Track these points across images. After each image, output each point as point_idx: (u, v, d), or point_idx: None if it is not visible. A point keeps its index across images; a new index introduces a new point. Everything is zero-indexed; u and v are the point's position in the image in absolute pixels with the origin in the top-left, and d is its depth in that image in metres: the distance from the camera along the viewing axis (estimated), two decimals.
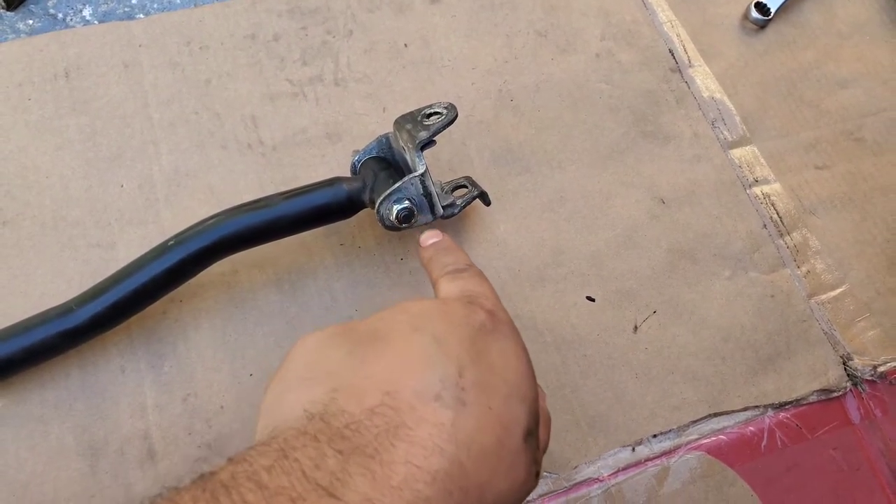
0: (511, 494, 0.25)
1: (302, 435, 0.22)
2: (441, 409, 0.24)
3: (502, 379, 0.26)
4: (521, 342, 0.29)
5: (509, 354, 0.28)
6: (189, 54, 0.52)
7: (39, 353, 0.39)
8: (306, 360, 0.27)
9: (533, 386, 0.28)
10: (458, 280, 0.33)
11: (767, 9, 0.61)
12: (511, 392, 0.26)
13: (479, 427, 0.24)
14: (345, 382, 0.25)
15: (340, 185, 0.42)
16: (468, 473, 0.23)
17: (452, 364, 0.25)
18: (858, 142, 0.58)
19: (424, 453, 0.22)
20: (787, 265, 0.52)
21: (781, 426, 0.47)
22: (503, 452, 0.25)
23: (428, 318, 0.27)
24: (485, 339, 0.27)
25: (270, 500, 0.20)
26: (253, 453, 0.22)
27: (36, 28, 0.52)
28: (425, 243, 0.38)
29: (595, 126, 0.55)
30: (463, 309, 0.29)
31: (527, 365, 0.28)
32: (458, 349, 0.26)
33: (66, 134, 0.49)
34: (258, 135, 0.51)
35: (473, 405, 0.24)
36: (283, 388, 0.26)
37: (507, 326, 0.29)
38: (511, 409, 0.26)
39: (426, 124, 0.42)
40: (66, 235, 0.46)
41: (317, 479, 0.21)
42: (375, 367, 0.25)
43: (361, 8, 0.56)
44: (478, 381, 0.25)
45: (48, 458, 0.40)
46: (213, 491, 0.20)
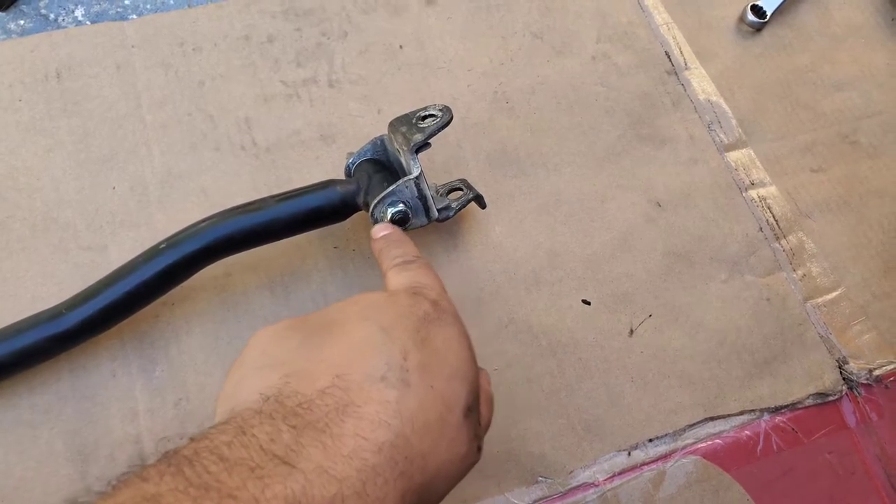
0: (453, 464, 0.27)
1: (258, 414, 0.24)
2: (386, 388, 0.26)
3: (444, 362, 0.28)
4: (463, 329, 0.31)
5: (451, 340, 0.30)
6: (182, 55, 0.52)
7: (29, 356, 0.38)
8: (261, 350, 0.29)
9: (473, 368, 0.30)
10: (405, 271, 0.35)
11: (763, 12, 0.61)
12: (452, 373, 0.28)
13: (422, 404, 0.26)
14: (297, 368, 0.27)
15: (334, 188, 0.42)
16: (412, 444, 0.25)
17: (397, 349, 0.27)
18: (854, 145, 0.58)
19: (371, 427, 0.24)
20: (783, 268, 0.52)
21: (777, 430, 0.47)
22: (445, 427, 0.27)
23: (375, 308, 0.30)
24: (428, 327, 0.29)
25: (231, 470, 0.21)
26: (213, 431, 0.23)
27: (27, 28, 0.52)
28: (376, 235, 0.40)
29: (591, 128, 0.55)
30: (408, 299, 0.31)
31: (468, 350, 0.31)
32: (403, 336, 0.28)
33: (58, 135, 0.48)
34: (252, 136, 0.50)
35: (417, 385, 0.27)
36: (239, 376, 0.28)
37: (450, 315, 0.31)
38: (452, 388, 0.28)
39: (421, 126, 0.42)
40: (56, 238, 0.45)
41: (273, 451, 0.22)
42: (326, 353, 0.27)
43: (356, 9, 0.56)
44: (421, 363, 0.27)
45: (37, 463, 0.40)
46: (177, 464, 0.22)
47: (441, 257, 0.49)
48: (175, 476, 0.21)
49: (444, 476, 0.27)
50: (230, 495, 0.21)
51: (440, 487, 0.27)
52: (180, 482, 0.21)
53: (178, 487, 0.21)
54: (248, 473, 0.21)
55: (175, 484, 0.21)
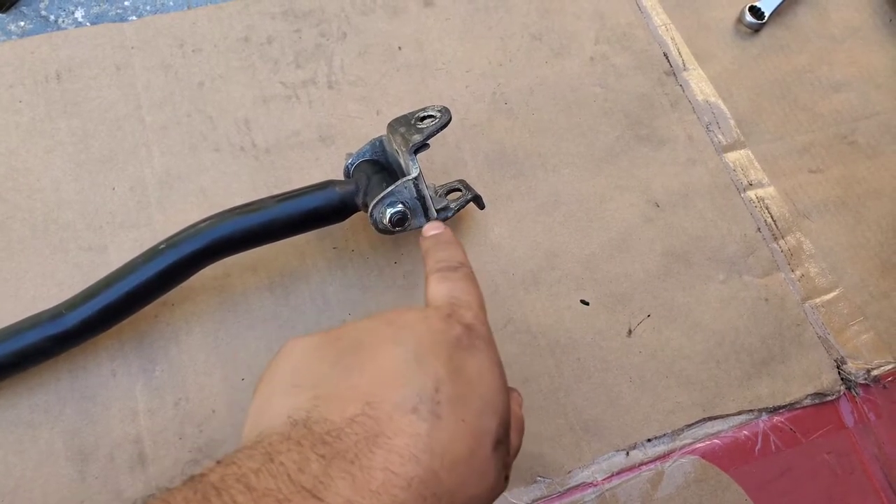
0: (480, 497, 0.27)
1: (286, 440, 0.23)
2: (418, 420, 0.25)
3: (476, 394, 0.28)
4: (496, 357, 0.31)
5: (484, 370, 0.29)
6: (182, 56, 0.52)
7: (29, 357, 0.38)
8: (293, 367, 0.28)
9: (505, 399, 0.29)
10: (447, 281, 0.34)
11: (762, 13, 0.61)
12: (484, 406, 0.28)
13: (453, 438, 0.25)
14: (328, 392, 0.26)
15: (333, 189, 0.42)
16: (441, 480, 0.24)
17: (430, 380, 0.27)
18: (852, 145, 0.58)
19: (401, 461, 0.24)
20: (781, 269, 0.52)
21: (775, 430, 0.47)
22: (474, 461, 0.26)
23: (409, 331, 0.29)
24: (461, 355, 0.29)
25: (259, 502, 0.21)
26: (241, 456, 0.23)
27: (27, 30, 0.52)
28: (426, 233, 0.39)
29: (589, 129, 0.55)
30: (442, 323, 0.30)
31: (500, 379, 0.30)
32: (436, 365, 0.27)
33: (58, 136, 0.48)
34: (251, 137, 0.50)
35: (448, 418, 0.26)
36: (269, 392, 0.27)
37: (484, 342, 0.30)
38: (483, 421, 0.27)
39: (420, 127, 0.42)
40: (57, 238, 0.46)
41: (301, 482, 0.22)
42: (357, 378, 0.26)
43: (355, 11, 0.56)
44: (452, 396, 0.26)
45: (37, 463, 0.40)
46: (204, 493, 0.21)
47: None
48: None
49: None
50: None
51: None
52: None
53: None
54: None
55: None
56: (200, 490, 0.21)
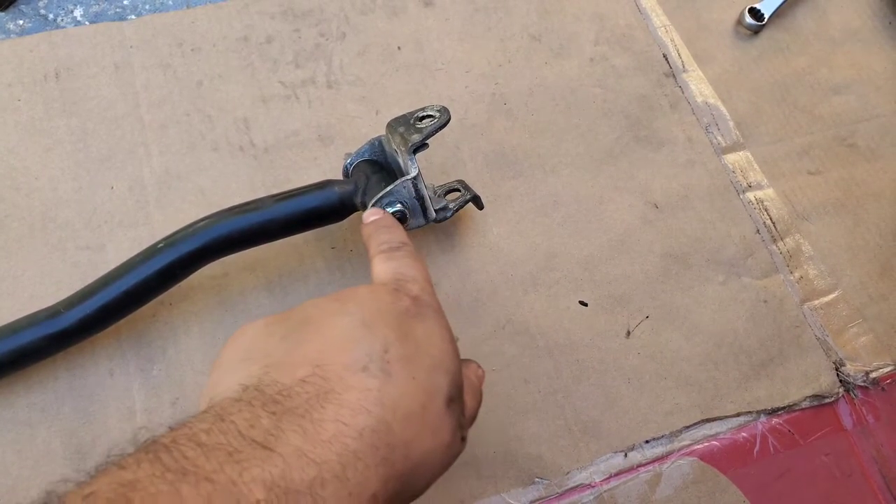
0: (436, 453, 0.28)
1: (237, 402, 0.24)
2: (367, 377, 0.26)
3: (426, 354, 0.29)
4: (444, 322, 0.32)
5: (433, 333, 0.30)
6: (181, 56, 0.52)
7: (27, 355, 0.38)
8: (244, 346, 0.29)
9: (455, 360, 0.30)
10: (391, 260, 0.35)
11: (761, 14, 0.61)
12: (434, 365, 0.29)
13: (404, 393, 0.26)
14: (278, 360, 0.27)
15: (332, 188, 0.42)
16: (394, 432, 0.25)
17: (378, 341, 0.28)
18: (851, 148, 0.58)
19: (352, 413, 0.24)
20: (780, 271, 0.52)
21: (774, 432, 0.47)
22: (427, 416, 0.27)
23: (357, 303, 0.30)
24: (409, 322, 0.30)
25: (208, 454, 0.21)
26: (192, 420, 0.23)
27: (26, 28, 0.52)
28: (366, 220, 0.40)
29: (589, 130, 0.55)
30: (389, 295, 0.31)
31: (449, 342, 0.31)
32: (385, 329, 0.28)
33: (56, 135, 0.48)
34: (250, 137, 0.50)
35: (398, 375, 0.27)
36: (221, 371, 0.28)
37: (432, 309, 0.31)
38: (433, 379, 0.28)
39: (419, 127, 0.42)
40: (55, 237, 0.45)
41: (252, 436, 0.22)
42: (307, 347, 0.27)
43: (354, 10, 0.56)
44: (402, 356, 0.28)
45: (34, 462, 0.40)
46: (154, 451, 0.22)
47: (438, 258, 0.49)
48: (152, 463, 0.21)
49: (428, 465, 0.27)
50: (207, 478, 0.21)
51: (424, 476, 0.28)
52: (157, 468, 0.21)
53: (155, 473, 0.21)
54: (225, 458, 0.21)
55: (152, 470, 0.21)
56: (152, 450, 0.22)
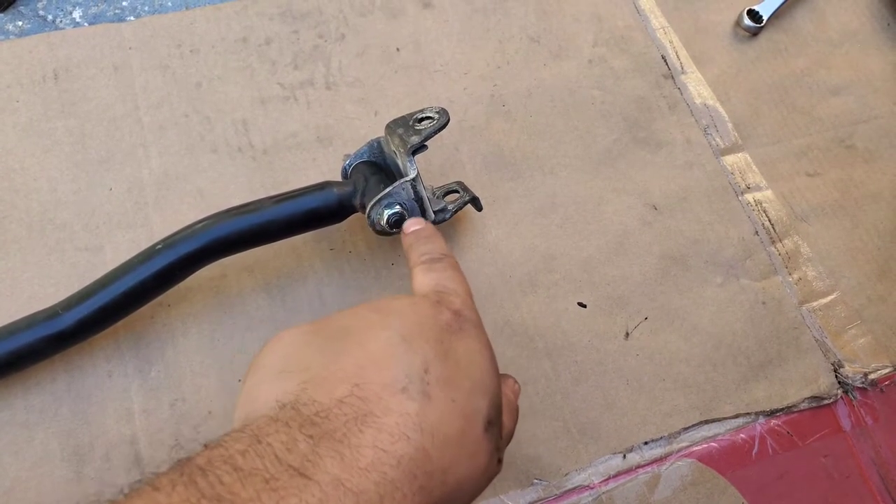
0: (473, 478, 0.27)
1: (274, 422, 0.23)
2: (407, 400, 0.25)
3: (466, 375, 0.28)
4: (485, 340, 0.31)
5: (474, 352, 0.29)
6: (180, 57, 0.52)
7: (25, 357, 0.38)
8: (281, 355, 0.28)
9: (495, 381, 0.30)
10: (432, 272, 0.34)
11: (760, 16, 0.61)
12: (474, 387, 0.28)
13: (443, 418, 0.26)
14: (316, 375, 0.26)
15: (331, 190, 0.42)
16: (432, 459, 0.24)
17: (418, 360, 0.27)
18: (850, 149, 0.58)
19: (391, 439, 0.24)
20: (778, 272, 0.52)
21: (772, 433, 0.47)
22: (465, 441, 0.26)
23: (398, 316, 0.29)
24: (450, 339, 0.29)
25: (245, 481, 0.21)
26: (228, 439, 0.23)
27: (25, 30, 0.52)
28: (407, 230, 0.39)
29: (587, 132, 0.55)
30: (431, 309, 0.30)
31: (490, 361, 0.30)
32: (425, 347, 0.27)
33: (55, 136, 0.48)
34: (249, 138, 0.50)
35: (438, 398, 0.26)
36: (257, 380, 0.27)
37: (473, 325, 0.31)
38: (473, 402, 0.27)
39: (418, 129, 0.42)
40: (53, 238, 0.45)
41: (289, 461, 0.22)
42: (345, 362, 0.26)
43: (353, 12, 0.56)
44: (442, 376, 0.27)
45: (32, 463, 0.40)
46: (190, 474, 0.21)
47: None
48: (188, 486, 0.20)
49: (465, 490, 0.27)
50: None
51: (459, 501, 0.27)
52: (193, 493, 0.20)
53: (191, 499, 0.20)
54: (262, 485, 0.21)
55: (188, 495, 0.20)
56: (187, 472, 0.21)
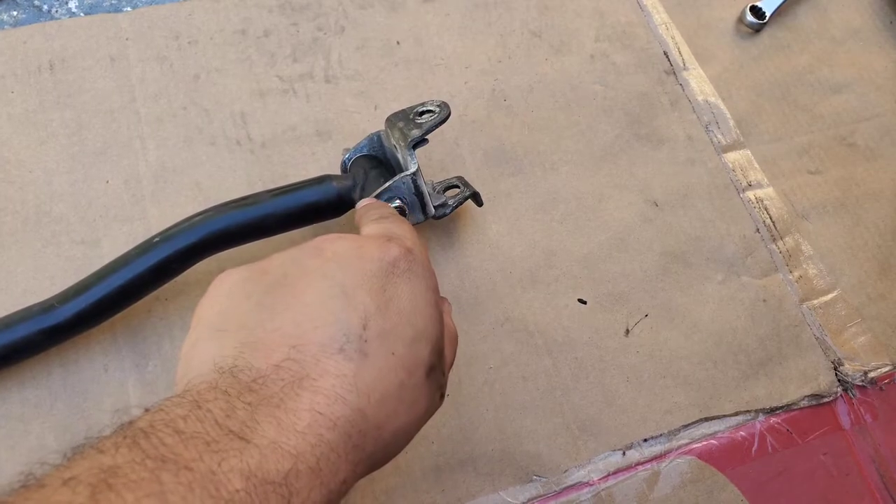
0: (412, 423, 0.27)
1: (213, 389, 0.24)
2: (344, 361, 0.25)
3: (409, 323, 0.28)
4: (431, 282, 0.31)
5: (418, 297, 0.29)
6: (177, 49, 0.52)
7: (20, 350, 0.38)
8: (218, 310, 0.28)
9: (438, 325, 0.30)
10: (381, 223, 0.34)
11: (762, 13, 0.61)
12: (416, 335, 0.28)
13: (381, 374, 0.26)
14: (253, 337, 0.26)
15: (330, 183, 0.42)
16: (367, 417, 0.25)
17: (357, 316, 0.27)
18: (851, 147, 0.58)
19: (327, 401, 0.24)
20: (779, 270, 0.52)
21: (772, 431, 0.47)
22: (404, 393, 0.27)
23: (338, 262, 0.28)
24: (395, 282, 0.29)
25: (187, 443, 0.21)
26: (169, 404, 0.23)
27: (20, 20, 0.51)
28: (359, 206, 0.39)
29: (589, 128, 0.55)
30: (378, 250, 0.29)
31: (434, 307, 0.30)
32: (366, 299, 0.27)
33: (51, 128, 0.48)
34: (247, 131, 0.50)
35: (376, 355, 0.26)
36: (196, 336, 0.28)
37: (420, 266, 0.30)
38: (414, 351, 0.28)
39: (418, 122, 0.41)
40: (49, 231, 0.45)
41: (229, 426, 0.22)
42: (282, 320, 0.26)
43: (353, 5, 0.56)
44: (382, 330, 0.27)
45: (28, 458, 0.39)
46: (133, 436, 0.21)
47: (437, 255, 0.48)
48: (131, 448, 0.21)
49: (402, 436, 0.27)
50: (187, 467, 0.20)
51: (396, 448, 0.27)
52: (137, 454, 0.21)
53: (135, 459, 0.20)
54: (204, 447, 0.21)
55: (131, 456, 0.20)
56: (129, 435, 0.21)
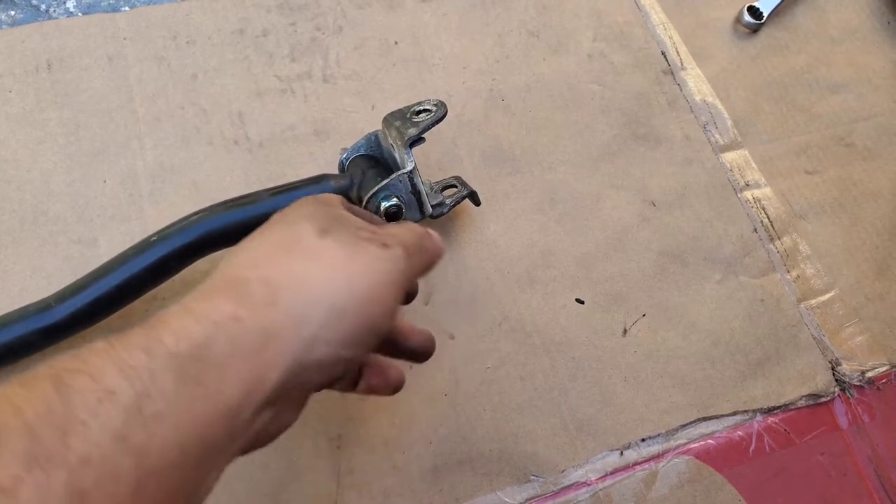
0: (335, 274, 0.26)
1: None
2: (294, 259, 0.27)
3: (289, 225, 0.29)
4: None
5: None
6: (175, 48, 0.52)
7: (16, 350, 0.38)
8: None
9: (314, 204, 0.31)
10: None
11: (760, 13, 0.61)
12: (292, 219, 0.29)
13: (259, 244, 0.28)
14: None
15: (328, 182, 0.42)
16: (269, 282, 0.26)
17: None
18: (849, 147, 0.58)
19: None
20: (777, 270, 0.52)
21: (770, 431, 0.47)
22: (296, 250, 0.27)
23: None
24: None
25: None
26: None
27: (18, 19, 0.51)
28: None
29: (586, 127, 0.55)
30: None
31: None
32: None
33: (48, 127, 0.48)
34: (245, 131, 0.50)
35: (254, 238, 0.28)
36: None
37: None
38: (294, 227, 0.29)
39: (415, 121, 0.41)
40: (46, 231, 0.45)
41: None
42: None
43: (351, 4, 0.56)
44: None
45: None
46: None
47: None
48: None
49: (351, 306, 0.26)
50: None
51: (365, 311, 0.27)
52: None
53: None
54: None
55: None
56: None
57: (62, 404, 0.20)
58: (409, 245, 0.30)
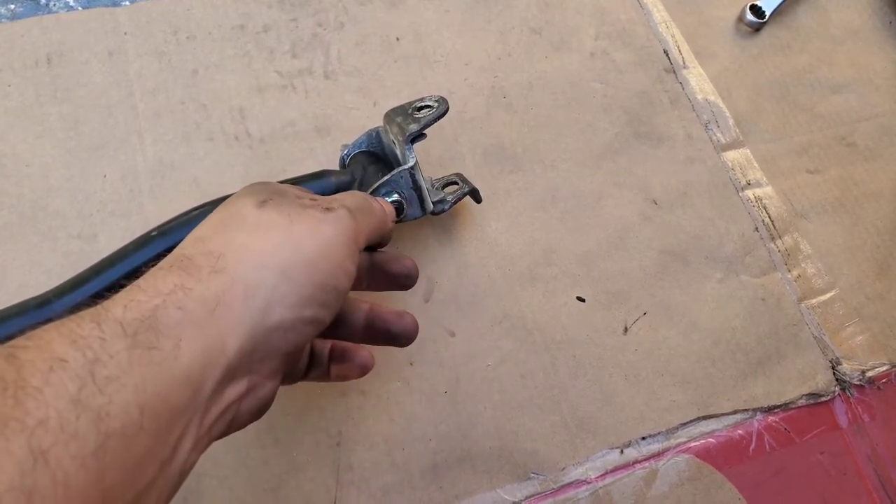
0: (284, 238, 0.27)
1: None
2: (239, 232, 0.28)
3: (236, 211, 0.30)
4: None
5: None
6: (176, 44, 0.51)
7: None
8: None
9: (263, 188, 0.31)
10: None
11: (762, 12, 0.61)
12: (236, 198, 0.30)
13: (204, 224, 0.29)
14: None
15: (329, 178, 0.41)
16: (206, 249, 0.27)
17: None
18: (850, 147, 0.58)
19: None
20: (778, 269, 0.52)
21: (770, 430, 0.47)
22: (232, 222, 0.28)
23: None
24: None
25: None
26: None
27: (18, 13, 0.51)
28: None
29: (588, 125, 0.55)
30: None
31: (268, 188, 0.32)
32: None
33: (48, 122, 0.47)
34: (245, 127, 0.50)
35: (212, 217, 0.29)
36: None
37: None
38: (236, 205, 0.29)
39: (417, 117, 0.41)
40: (45, 226, 0.45)
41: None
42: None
43: (353, 1, 0.55)
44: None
45: None
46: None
47: (436, 251, 0.48)
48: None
49: (300, 267, 0.27)
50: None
51: (308, 274, 0.27)
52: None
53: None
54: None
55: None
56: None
57: (14, 373, 0.20)
58: (352, 206, 0.31)
